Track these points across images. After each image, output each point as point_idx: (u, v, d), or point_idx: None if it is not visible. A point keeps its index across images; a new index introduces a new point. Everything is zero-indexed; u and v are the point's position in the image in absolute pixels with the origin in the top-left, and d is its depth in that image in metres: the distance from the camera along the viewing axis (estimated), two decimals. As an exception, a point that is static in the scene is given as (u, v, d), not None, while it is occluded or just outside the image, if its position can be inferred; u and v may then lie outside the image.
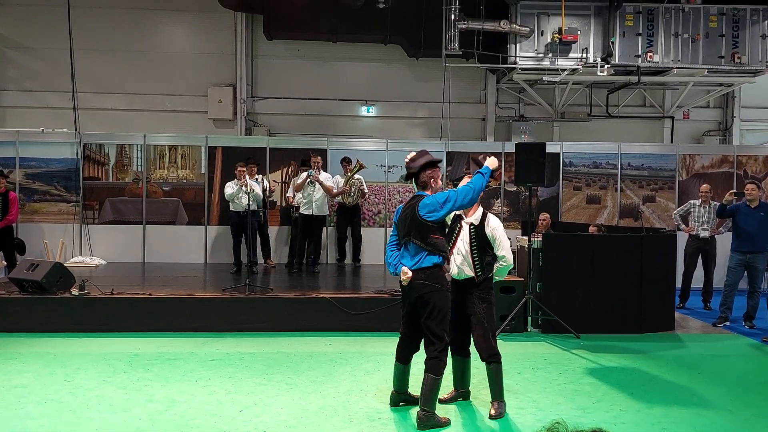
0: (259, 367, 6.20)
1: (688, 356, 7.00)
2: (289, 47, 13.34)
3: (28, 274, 7.78)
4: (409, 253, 4.75)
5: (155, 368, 6.09)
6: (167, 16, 13.22)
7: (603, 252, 7.98)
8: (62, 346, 6.89)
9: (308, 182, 9.97)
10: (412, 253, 4.73)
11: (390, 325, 7.44)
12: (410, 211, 4.75)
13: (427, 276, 4.66)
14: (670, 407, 5.24)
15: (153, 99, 13.11)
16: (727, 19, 11.65)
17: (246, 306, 7.73)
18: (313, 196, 10.03)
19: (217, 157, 11.58)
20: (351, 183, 10.55)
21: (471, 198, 4.68)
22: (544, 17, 11.68)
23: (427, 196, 4.74)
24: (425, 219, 4.64)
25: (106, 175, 11.52)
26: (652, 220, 11.84)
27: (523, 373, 6.14)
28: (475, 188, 4.69)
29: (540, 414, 5.02)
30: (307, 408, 5.07)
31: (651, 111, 13.63)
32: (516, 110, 13.56)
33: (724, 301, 8.56)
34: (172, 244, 11.45)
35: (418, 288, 4.66)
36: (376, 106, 13.52)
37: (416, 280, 4.66)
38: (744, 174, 11.86)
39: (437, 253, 4.69)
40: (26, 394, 5.30)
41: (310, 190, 10.02)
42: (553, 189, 11.92)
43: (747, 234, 8.31)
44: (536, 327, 7.97)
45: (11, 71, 13.06)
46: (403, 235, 4.80)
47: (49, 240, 11.12)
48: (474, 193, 4.69)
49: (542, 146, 8.09)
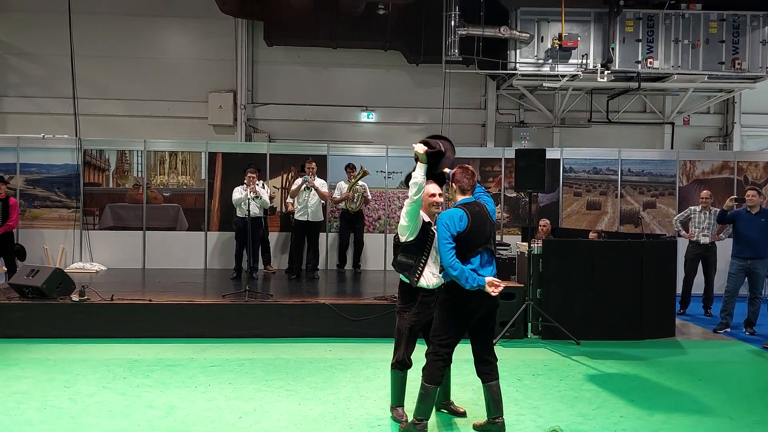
0: (258, 373, 6.19)
1: (688, 363, 6.99)
2: (289, 53, 13.37)
3: (29, 280, 7.77)
4: (486, 262, 4.55)
5: (155, 374, 6.08)
6: (168, 22, 13.26)
7: (603, 258, 7.97)
8: (62, 352, 6.88)
9: (303, 188, 9.99)
10: (486, 261, 4.56)
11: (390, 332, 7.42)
12: (486, 216, 4.62)
13: None
14: (671, 414, 5.23)
15: (153, 105, 13.14)
16: (728, 25, 11.69)
17: (246, 312, 7.72)
18: (308, 201, 10.05)
19: (217, 163, 11.59)
20: (354, 189, 10.55)
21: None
22: (544, 23, 11.72)
23: (488, 201, 4.75)
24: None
25: (106, 180, 11.52)
26: (652, 226, 11.83)
27: (523, 379, 6.13)
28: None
29: (540, 421, 5.01)
30: (306, 414, 5.06)
31: (651, 117, 13.65)
32: (516, 116, 13.58)
33: (725, 308, 8.54)
34: (173, 250, 11.44)
35: (495, 298, 4.51)
36: (376, 112, 13.53)
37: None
38: (744, 180, 11.85)
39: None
40: (26, 400, 5.29)
41: (305, 196, 10.04)
42: (553, 195, 11.92)
43: (748, 240, 8.30)
44: (536, 333, 7.95)
45: (12, 77, 13.09)
46: (483, 242, 4.54)
47: (50, 246, 11.12)
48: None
49: (542, 152, 8.09)
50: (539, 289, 7.96)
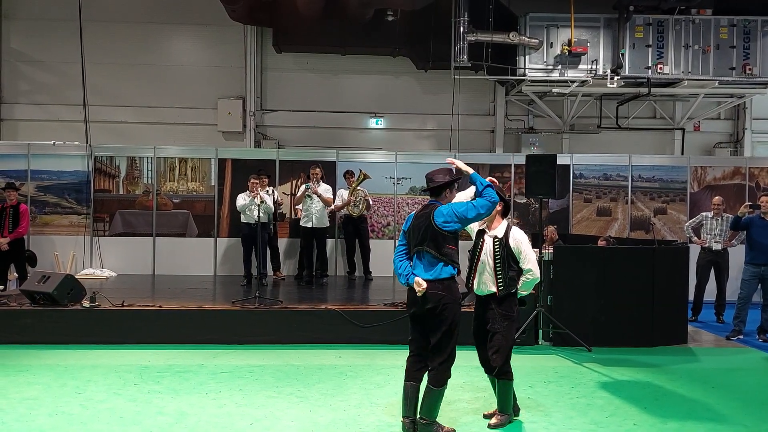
0: (269, 379, 6.18)
1: (701, 370, 6.93)
2: (298, 60, 13.40)
3: (39, 286, 7.79)
4: (422, 264, 4.60)
5: (165, 381, 6.07)
6: (177, 29, 13.33)
7: (615, 265, 7.92)
8: (73, 358, 6.89)
9: (306, 195, 10.01)
10: (426, 263, 4.59)
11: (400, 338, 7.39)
12: (424, 219, 4.61)
13: (444, 287, 4.52)
14: (684, 422, 5.18)
15: (163, 112, 13.19)
16: (738, 31, 11.63)
17: (256, 318, 7.71)
18: (312, 208, 10.06)
19: (226, 170, 11.61)
20: (355, 194, 10.55)
21: (489, 209, 4.56)
22: (553, 29, 11.71)
23: (443, 205, 4.62)
24: (441, 228, 4.52)
25: (116, 187, 11.56)
26: (663, 232, 11.76)
27: (535, 386, 6.09)
28: (493, 200, 4.57)
29: (553, 428, 4.97)
30: (317, 421, 5.04)
31: (661, 123, 13.59)
32: (525, 122, 13.55)
33: (738, 314, 8.47)
34: (182, 257, 11.46)
35: (434, 299, 4.51)
36: (384, 119, 13.54)
37: (433, 291, 4.50)
38: (756, 186, 11.77)
39: (452, 264, 4.57)
40: (37, 407, 5.29)
41: (308, 203, 10.05)
42: (563, 201, 11.87)
43: (761, 246, 8.25)
44: (547, 340, 7.90)
45: (23, 85, 13.17)
46: (416, 244, 4.63)
47: (60, 252, 11.16)
48: (493, 205, 4.58)
49: (553, 158, 8.07)
50: (550, 296, 7.92)
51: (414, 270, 4.63)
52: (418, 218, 4.68)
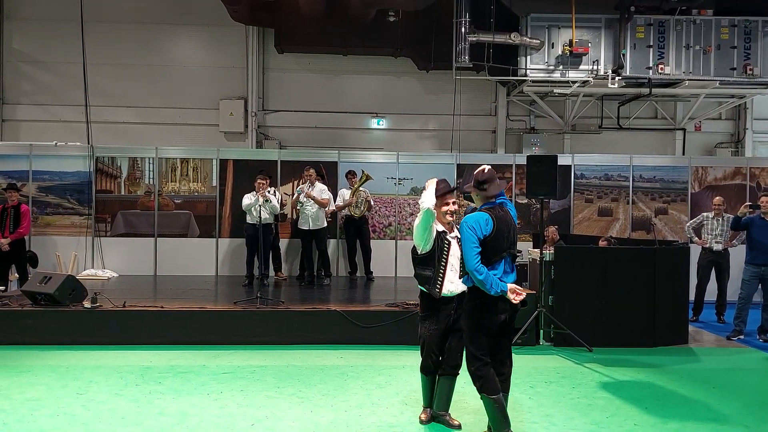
0: (270, 380, 6.19)
1: (702, 370, 6.93)
2: (299, 60, 13.42)
3: (41, 287, 7.80)
4: (505, 267, 4.44)
5: (167, 381, 6.09)
6: (179, 30, 13.34)
7: (616, 265, 7.93)
8: (74, 358, 6.91)
9: (298, 201, 10.12)
10: (507, 266, 4.46)
11: (401, 338, 7.44)
12: (511, 221, 4.48)
13: None
14: (685, 422, 5.18)
15: (165, 112, 13.21)
16: (739, 31, 11.63)
17: (257, 319, 7.72)
18: (307, 210, 10.10)
19: (228, 170, 11.62)
20: (357, 194, 10.56)
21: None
22: (554, 29, 11.71)
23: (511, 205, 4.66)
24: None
25: (118, 188, 11.58)
26: (664, 232, 11.77)
27: (536, 386, 6.10)
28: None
29: (553, 429, 4.98)
30: (318, 422, 5.05)
31: (662, 123, 13.59)
32: (526, 122, 13.56)
33: (739, 315, 8.48)
34: (184, 257, 11.47)
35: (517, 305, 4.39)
36: (386, 119, 13.55)
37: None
38: (757, 186, 11.77)
39: None
40: (39, 407, 5.31)
41: (303, 205, 10.11)
42: (564, 201, 11.88)
43: (762, 246, 8.25)
44: (548, 340, 7.91)
45: (25, 85, 13.19)
46: (507, 247, 4.43)
47: (62, 253, 11.17)
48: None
49: (554, 158, 8.08)
50: (551, 296, 7.92)
51: (502, 277, 4.40)
52: (505, 221, 4.47)
